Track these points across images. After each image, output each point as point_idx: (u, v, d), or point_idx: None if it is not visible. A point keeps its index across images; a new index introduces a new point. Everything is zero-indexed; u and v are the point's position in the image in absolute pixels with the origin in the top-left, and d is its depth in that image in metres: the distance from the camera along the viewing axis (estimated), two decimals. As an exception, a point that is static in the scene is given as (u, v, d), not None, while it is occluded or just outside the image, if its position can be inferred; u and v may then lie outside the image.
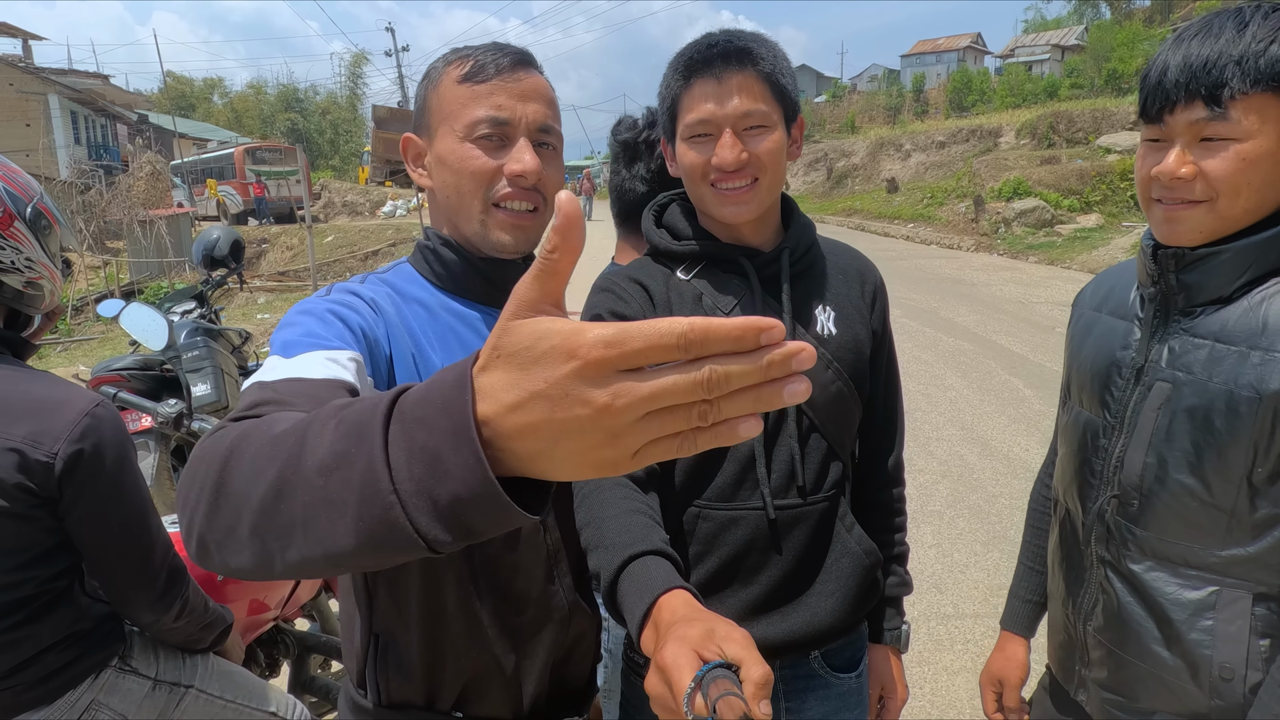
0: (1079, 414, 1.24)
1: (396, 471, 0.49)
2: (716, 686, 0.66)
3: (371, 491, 0.50)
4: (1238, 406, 1.00)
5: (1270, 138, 0.97)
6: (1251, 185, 0.98)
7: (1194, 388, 1.05)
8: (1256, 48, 0.94)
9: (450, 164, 1.03)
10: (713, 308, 1.24)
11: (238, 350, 3.62)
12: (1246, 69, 0.94)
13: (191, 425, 2.08)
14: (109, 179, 23.11)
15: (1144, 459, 1.11)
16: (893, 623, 1.42)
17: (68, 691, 1.39)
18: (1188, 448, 1.06)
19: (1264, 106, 0.96)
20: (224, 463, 0.59)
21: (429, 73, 1.08)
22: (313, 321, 0.90)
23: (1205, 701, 1.07)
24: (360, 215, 24.66)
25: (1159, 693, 1.12)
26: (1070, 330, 1.33)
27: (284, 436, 0.57)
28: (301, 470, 0.54)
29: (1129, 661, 1.15)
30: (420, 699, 1.04)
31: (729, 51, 1.16)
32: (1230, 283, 1.04)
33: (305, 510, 0.54)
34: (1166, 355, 1.10)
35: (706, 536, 1.24)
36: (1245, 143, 0.97)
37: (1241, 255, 1.03)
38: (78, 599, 1.42)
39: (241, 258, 3.89)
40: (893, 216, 20.80)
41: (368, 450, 0.51)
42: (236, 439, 0.60)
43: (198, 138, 36.02)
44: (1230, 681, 1.05)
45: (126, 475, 1.37)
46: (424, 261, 1.11)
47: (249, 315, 11.88)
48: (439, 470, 0.48)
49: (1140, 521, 1.12)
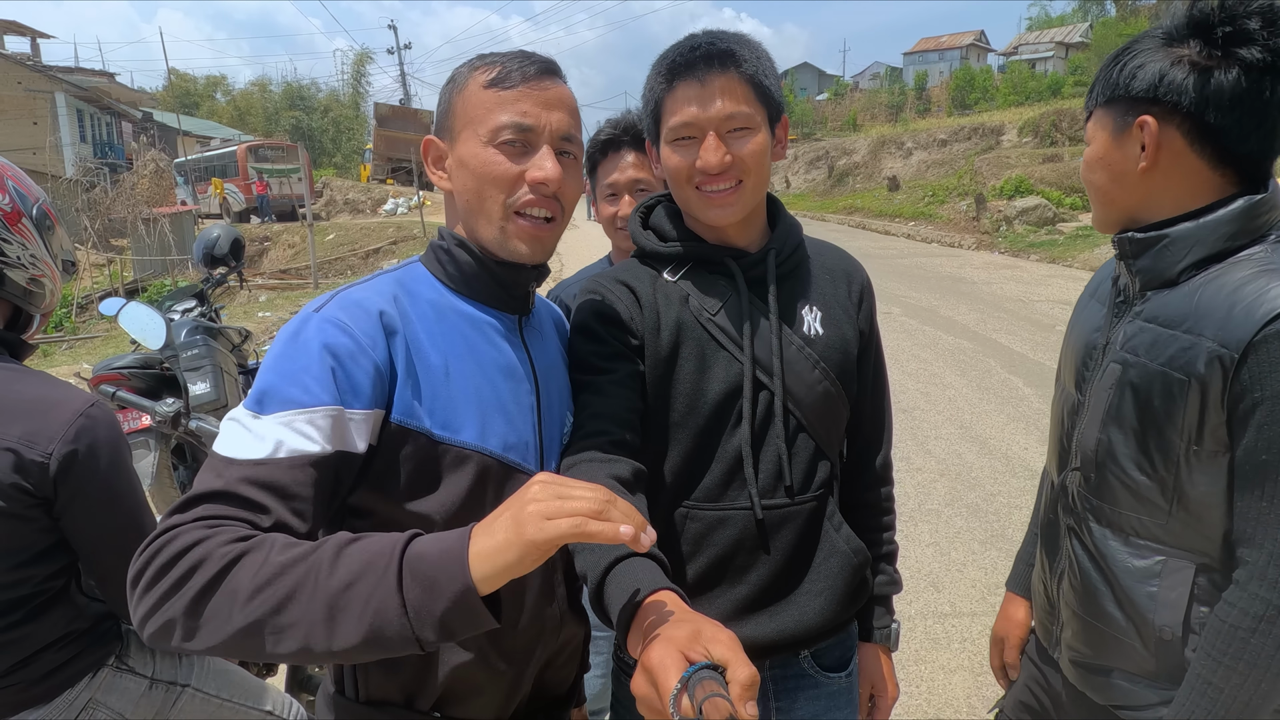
0: (1063, 392, 1.34)
1: (407, 591, 0.75)
2: (703, 688, 0.66)
3: (382, 603, 0.74)
4: (1171, 388, 1.07)
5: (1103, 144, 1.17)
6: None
7: (1138, 369, 1.12)
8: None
9: (472, 168, 1.03)
10: (699, 309, 1.24)
11: (237, 349, 3.63)
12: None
13: (190, 424, 2.09)
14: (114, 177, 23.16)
15: (1097, 435, 1.19)
16: (882, 621, 1.42)
17: (65, 690, 1.40)
18: (1133, 425, 1.13)
19: (1102, 120, 1.17)
20: (223, 566, 0.76)
21: (454, 77, 1.08)
22: (299, 366, 0.90)
23: (1151, 661, 1.16)
24: (362, 213, 24.70)
25: (1115, 652, 1.20)
26: (1072, 315, 1.40)
27: (297, 558, 0.77)
28: (320, 583, 0.75)
29: (1090, 622, 1.23)
30: (399, 697, 1.04)
31: (711, 54, 1.16)
32: (1174, 266, 1.11)
33: (321, 612, 0.74)
34: (1122, 338, 1.18)
35: (695, 537, 1.24)
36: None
37: (1182, 240, 1.10)
38: (75, 598, 1.43)
39: (242, 256, 3.91)
40: (894, 215, 20.77)
41: (382, 571, 0.75)
42: (239, 551, 0.77)
43: (201, 135, 36.04)
44: (1170, 643, 1.13)
45: (121, 475, 1.38)
46: (436, 262, 1.10)
47: (250, 313, 11.90)
48: (436, 592, 0.74)
49: (1097, 493, 1.20)
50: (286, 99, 48.87)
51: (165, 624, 0.76)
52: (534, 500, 0.75)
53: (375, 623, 0.74)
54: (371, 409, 0.93)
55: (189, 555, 0.77)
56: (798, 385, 1.24)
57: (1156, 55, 1.10)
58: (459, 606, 0.74)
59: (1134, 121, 1.11)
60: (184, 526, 0.79)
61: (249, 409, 0.89)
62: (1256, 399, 0.99)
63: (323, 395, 0.88)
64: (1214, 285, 1.06)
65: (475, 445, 1.01)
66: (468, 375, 1.03)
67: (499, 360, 1.07)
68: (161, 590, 0.76)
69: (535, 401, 1.10)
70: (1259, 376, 0.99)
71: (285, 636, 0.75)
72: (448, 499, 0.99)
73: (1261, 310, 0.99)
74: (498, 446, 1.03)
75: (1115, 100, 1.14)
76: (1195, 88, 1.06)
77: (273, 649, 0.76)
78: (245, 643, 0.76)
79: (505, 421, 1.05)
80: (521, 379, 1.09)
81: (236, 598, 0.75)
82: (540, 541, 0.73)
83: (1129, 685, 1.19)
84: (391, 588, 0.74)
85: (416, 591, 0.74)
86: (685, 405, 1.23)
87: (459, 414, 1.00)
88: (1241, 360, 1.00)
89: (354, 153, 44.33)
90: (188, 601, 0.75)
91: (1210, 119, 1.06)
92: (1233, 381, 1.01)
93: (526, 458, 1.07)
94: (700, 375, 1.23)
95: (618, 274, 1.30)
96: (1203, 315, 1.05)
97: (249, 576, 0.76)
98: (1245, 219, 1.08)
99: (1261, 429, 0.99)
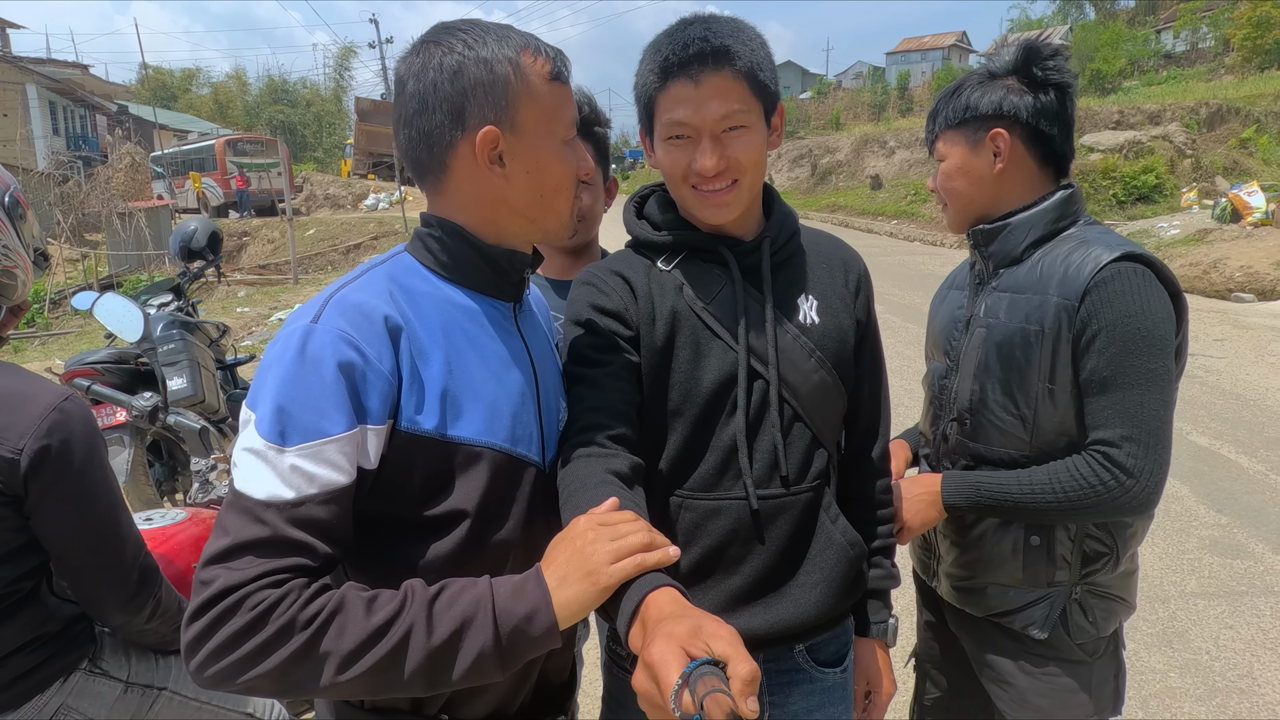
0: (932, 364, 1.64)
1: (505, 654, 0.86)
2: (704, 684, 0.66)
3: (482, 661, 0.85)
4: (1029, 339, 1.38)
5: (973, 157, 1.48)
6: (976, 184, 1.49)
7: (1000, 329, 1.43)
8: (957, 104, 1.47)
9: (551, 170, 1.04)
10: (694, 298, 1.23)
11: (215, 344, 3.57)
12: (948, 118, 1.49)
13: (167, 419, 2.03)
14: (88, 170, 22.79)
15: (970, 387, 1.48)
16: (879, 616, 1.41)
17: (35, 696, 1.36)
18: (999, 374, 1.43)
19: (954, 139, 1.48)
20: (314, 633, 0.82)
21: (498, 58, 0.97)
22: (314, 391, 0.88)
23: (1019, 571, 1.45)
24: (342, 208, 24.45)
25: (987, 568, 1.49)
26: (930, 307, 1.71)
27: (390, 618, 0.85)
28: (418, 643, 0.84)
29: (968, 545, 1.51)
30: (406, 703, 1.02)
31: (705, 52, 1.12)
32: (1017, 247, 1.45)
33: (423, 671, 0.84)
34: (984, 308, 1.48)
35: (689, 526, 1.23)
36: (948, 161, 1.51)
37: (1020, 226, 1.45)
38: (45, 600, 1.38)
39: (219, 250, 3.84)
40: (876, 213, 20.90)
41: (478, 629, 0.86)
42: (325, 615, 0.83)
43: (178, 129, 35.49)
44: (1036, 548, 1.43)
45: (95, 472, 1.33)
46: (426, 250, 1.05)
47: (229, 309, 11.75)
48: (528, 645, 0.87)
49: (971, 436, 1.49)
50: (269, 93, 48.29)
51: (250, 686, 0.82)
52: (595, 544, 0.86)
53: (472, 675, 0.86)
54: (384, 423, 0.93)
55: (272, 621, 0.81)
56: (793, 374, 1.23)
57: (990, 86, 1.44)
58: (541, 648, 0.88)
59: (986, 135, 1.44)
60: (249, 587, 0.82)
61: (270, 441, 0.86)
62: (1095, 330, 1.31)
63: (344, 421, 0.88)
64: (1050, 257, 1.41)
65: (485, 442, 0.99)
66: (471, 370, 1.01)
67: (499, 351, 1.05)
68: (244, 653, 0.81)
69: (535, 390, 1.09)
70: (1094, 313, 1.31)
71: (383, 685, 0.84)
72: (462, 499, 0.98)
73: (1088, 269, 1.33)
74: (506, 440, 1.01)
75: (966, 122, 1.46)
76: (1028, 105, 1.41)
77: (366, 695, 0.87)
78: (334, 695, 0.88)
79: (510, 414, 1.03)
80: (521, 368, 1.07)
81: (330, 660, 0.82)
82: (613, 586, 0.84)
83: (1001, 594, 1.48)
84: (489, 648, 0.86)
85: (512, 652, 0.87)
86: (680, 395, 1.22)
87: (465, 411, 0.99)
88: (1079, 304, 1.32)
89: (335, 147, 43.87)
90: (278, 664, 0.81)
91: (1043, 127, 1.42)
92: (1074, 322, 1.33)
93: (532, 449, 1.06)
94: (695, 365, 1.21)
95: (612, 264, 1.28)
96: (1046, 280, 1.38)
97: (342, 639, 0.83)
98: (1064, 206, 1.44)
99: (1101, 353, 1.31)
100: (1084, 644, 1.45)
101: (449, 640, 0.84)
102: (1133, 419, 1.30)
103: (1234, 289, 9.72)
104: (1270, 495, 4.27)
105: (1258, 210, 12.08)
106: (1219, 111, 17.45)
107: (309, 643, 0.81)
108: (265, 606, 0.81)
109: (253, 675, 0.81)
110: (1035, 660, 1.47)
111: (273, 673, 0.81)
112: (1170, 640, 3.08)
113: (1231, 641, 3.06)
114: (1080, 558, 1.43)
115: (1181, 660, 2.96)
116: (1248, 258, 10.08)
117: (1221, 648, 3.02)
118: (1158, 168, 15.27)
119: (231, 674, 0.81)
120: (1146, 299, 1.30)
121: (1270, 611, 3.25)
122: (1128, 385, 1.30)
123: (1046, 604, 1.44)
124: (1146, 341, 1.29)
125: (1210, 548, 3.76)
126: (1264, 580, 3.48)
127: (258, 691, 0.82)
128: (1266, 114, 17.20)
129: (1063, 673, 1.46)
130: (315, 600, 0.83)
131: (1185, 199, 14.48)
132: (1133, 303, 1.29)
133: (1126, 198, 15.13)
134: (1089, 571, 1.43)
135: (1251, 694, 2.76)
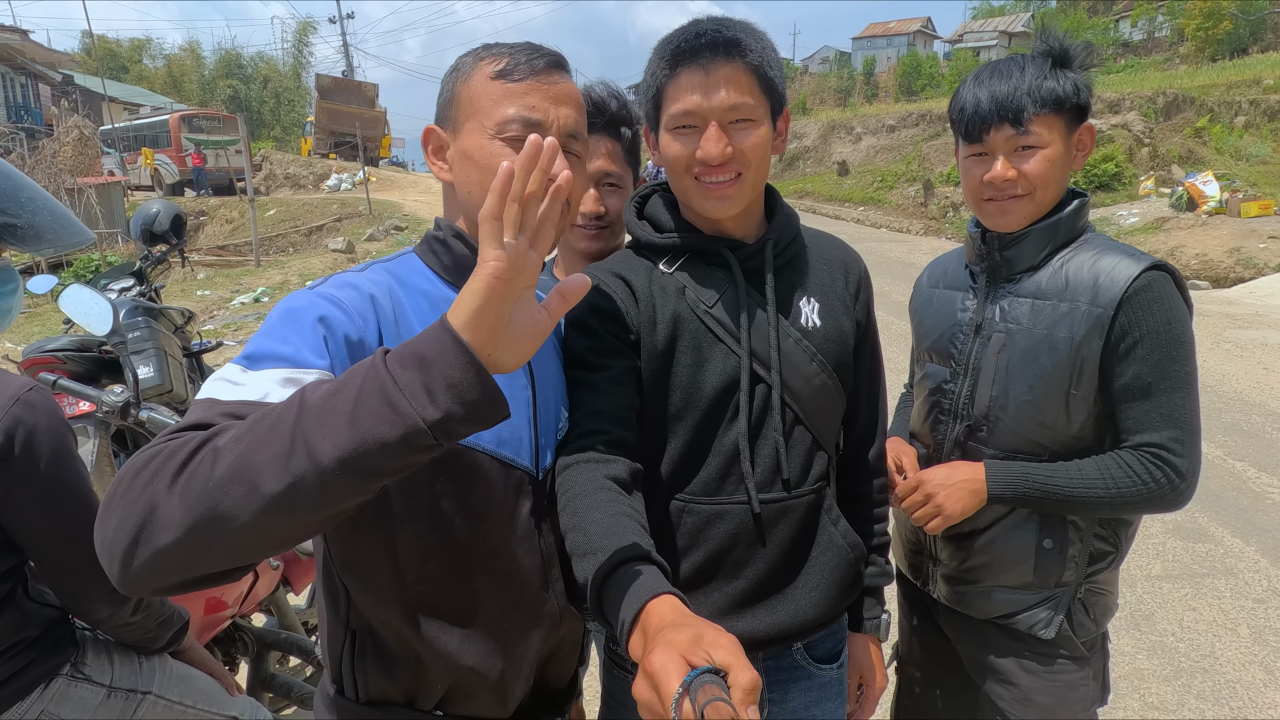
0: (929, 367, 1.57)
1: (396, 374, 0.73)
2: (704, 692, 0.66)
3: (373, 386, 0.72)
4: (1057, 345, 1.37)
5: (1059, 144, 1.36)
6: (1055, 179, 1.38)
7: (1023, 335, 1.41)
8: (1036, 83, 1.34)
9: (477, 160, 1.01)
10: (696, 300, 1.22)
11: (180, 330, 3.45)
12: (1034, 97, 1.34)
13: (139, 414, 1.96)
14: (32, 143, 21.89)
15: (990, 393, 1.45)
16: (872, 612, 1.43)
17: (15, 704, 1.31)
18: (1023, 380, 1.40)
19: (1050, 123, 1.35)
20: (197, 444, 0.73)
21: (458, 65, 1.06)
22: (292, 331, 0.88)
23: (1030, 573, 1.44)
24: (303, 188, 23.89)
25: (997, 572, 1.47)
26: (913, 306, 1.66)
27: (270, 411, 0.75)
28: (303, 407, 0.73)
29: (975, 549, 1.49)
30: (401, 697, 1.03)
31: (717, 42, 1.13)
32: (1037, 254, 1.42)
33: (312, 426, 0.71)
34: (999, 313, 1.45)
35: (691, 531, 1.23)
36: (1046, 149, 1.36)
37: (1042, 234, 1.41)
38: (22, 604, 1.33)
39: (183, 233, 3.71)
40: (844, 199, 21.06)
41: (366, 368, 0.74)
42: (211, 432, 0.74)
43: (130, 102, 34.24)
44: (1050, 551, 1.43)
45: (65, 463, 1.29)
46: (431, 253, 1.08)
47: (188, 291, 11.42)
48: (426, 364, 0.73)
49: (988, 442, 1.46)
50: (223, 67, 46.76)
51: (140, 523, 0.71)
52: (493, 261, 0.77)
53: (369, 421, 0.71)
54: None
55: (156, 458, 0.74)
56: (795, 378, 1.23)
57: (1058, 74, 1.35)
58: (451, 363, 0.73)
59: (1080, 125, 1.39)
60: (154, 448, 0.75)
61: (239, 364, 0.86)
62: (1136, 337, 1.32)
63: (315, 360, 0.86)
64: (1072, 264, 1.39)
65: (467, 441, 0.98)
66: None
67: None
68: (131, 492, 0.72)
69: (531, 396, 1.08)
70: (1135, 321, 1.32)
71: (268, 471, 0.71)
72: (442, 498, 0.98)
73: (1122, 278, 1.33)
74: (490, 442, 1.01)
75: (1068, 109, 1.36)
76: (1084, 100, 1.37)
77: (260, 494, 0.71)
78: (225, 501, 0.70)
79: None
80: (517, 373, 1.06)
81: (218, 456, 0.72)
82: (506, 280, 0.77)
83: (1008, 597, 1.47)
84: (381, 376, 0.73)
85: (406, 372, 0.73)
86: (682, 399, 1.21)
87: None
88: (1116, 314, 1.32)
89: (294, 125, 42.71)
90: (166, 480, 0.72)
91: None
92: (1108, 330, 1.33)
93: (520, 453, 1.05)
94: (697, 368, 1.21)
95: (613, 266, 1.27)
96: (1075, 288, 1.37)
97: (226, 438, 0.74)
98: (1078, 216, 1.43)
99: (1144, 359, 1.32)
100: (1085, 640, 1.48)
101: (333, 393, 0.73)
102: (1178, 422, 1.33)
103: (1190, 277, 10.00)
104: (1228, 479, 4.42)
105: (1212, 199, 12.44)
106: (1175, 101, 17.85)
107: (191, 453, 0.72)
108: (153, 451, 0.74)
109: (144, 503, 0.71)
110: (1039, 659, 1.47)
111: (166, 489, 0.71)
112: (1138, 623, 3.18)
113: (1195, 623, 3.17)
114: (1087, 558, 1.44)
115: (1149, 642, 3.06)
116: (1203, 245, 10.39)
117: (1185, 629, 3.13)
118: (1117, 156, 15.58)
119: (129, 510, 0.72)
120: (1179, 306, 1.34)
121: (1230, 592, 3.37)
122: (1170, 389, 1.33)
123: (1051, 604, 1.45)
124: (1182, 347, 1.33)
125: (1173, 532, 3.88)
126: (1224, 562, 3.61)
127: (165, 530, 0.71)
128: (1219, 104, 17.62)
129: (1066, 669, 1.47)
130: (207, 437, 0.75)
131: (1143, 187, 14.82)
132: (1170, 311, 1.32)
133: (1087, 185, 15.44)
134: (1093, 571, 1.45)
135: (1214, 673, 2.87)
